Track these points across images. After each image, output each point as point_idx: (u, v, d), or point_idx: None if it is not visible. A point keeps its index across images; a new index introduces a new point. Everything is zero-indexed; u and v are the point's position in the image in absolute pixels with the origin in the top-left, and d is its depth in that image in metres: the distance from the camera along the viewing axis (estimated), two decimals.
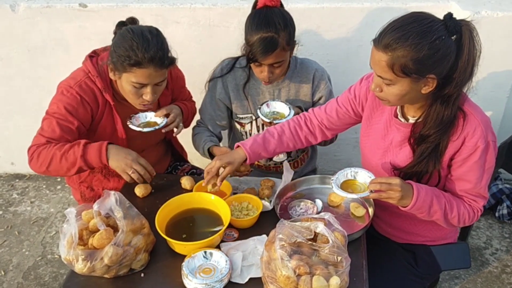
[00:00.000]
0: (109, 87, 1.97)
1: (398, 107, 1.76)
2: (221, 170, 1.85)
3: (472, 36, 1.49)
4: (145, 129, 1.96)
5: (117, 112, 2.01)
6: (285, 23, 1.95)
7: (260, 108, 2.10)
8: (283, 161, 2.37)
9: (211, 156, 2.08)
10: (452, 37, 1.50)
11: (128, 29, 1.83)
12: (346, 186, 1.68)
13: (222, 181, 1.82)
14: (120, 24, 1.91)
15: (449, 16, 1.50)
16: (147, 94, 1.87)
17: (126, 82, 1.85)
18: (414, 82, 1.52)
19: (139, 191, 1.94)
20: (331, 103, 1.98)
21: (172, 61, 1.88)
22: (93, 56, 2.00)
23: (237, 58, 2.19)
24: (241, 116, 2.26)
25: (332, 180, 1.69)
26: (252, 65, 2.05)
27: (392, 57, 1.48)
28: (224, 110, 2.27)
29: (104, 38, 2.02)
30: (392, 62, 1.49)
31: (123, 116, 2.03)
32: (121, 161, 1.82)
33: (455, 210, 1.66)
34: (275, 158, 2.39)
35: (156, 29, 1.87)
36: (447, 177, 1.71)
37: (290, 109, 2.08)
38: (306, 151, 2.44)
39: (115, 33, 1.90)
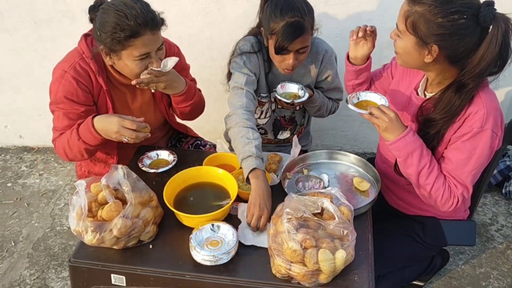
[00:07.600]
0: (103, 70, 1.91)
1: (422, 81, 1.76)
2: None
3: (500, 34, 1.43)
4: (160, 170, 1.92)
5: (110, 97, 1.95)
6: (308, 7, 1.92)
7: (275, 90, 2.08)
8: (287, 138, 2.39)
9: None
10: (481, 25, 1.46)
11: (106, 5, 1.75)
12: (361, 104, 1.76)
13: None
14: (91, 9, 1.81)
15: (486, 3, 1.46)
16: (154, 63, 1.80)
17: (128, 60, 1.78)
18: (418, 44, 1.54)
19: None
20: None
21: (163, 21, 1.81)
22: (89, 35, 1.92)
23: (258, 39, 2.11)
24: (263, 94, 2.23)
25: (352, 95, 1.79)
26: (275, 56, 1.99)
27: (411, 9, 1.51)
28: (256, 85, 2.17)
29: None
30: (408, 14, 1.52)
31: (117, 100, 1.99)
32: (110, 134, 1.77)
33: (432, 178, 1.64)
34: (280, 136, 2.40)
35: None
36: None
37: (304, 90, 2.08)
38: (303, 124, 2.43)
39: (91, 19, 1.81)
